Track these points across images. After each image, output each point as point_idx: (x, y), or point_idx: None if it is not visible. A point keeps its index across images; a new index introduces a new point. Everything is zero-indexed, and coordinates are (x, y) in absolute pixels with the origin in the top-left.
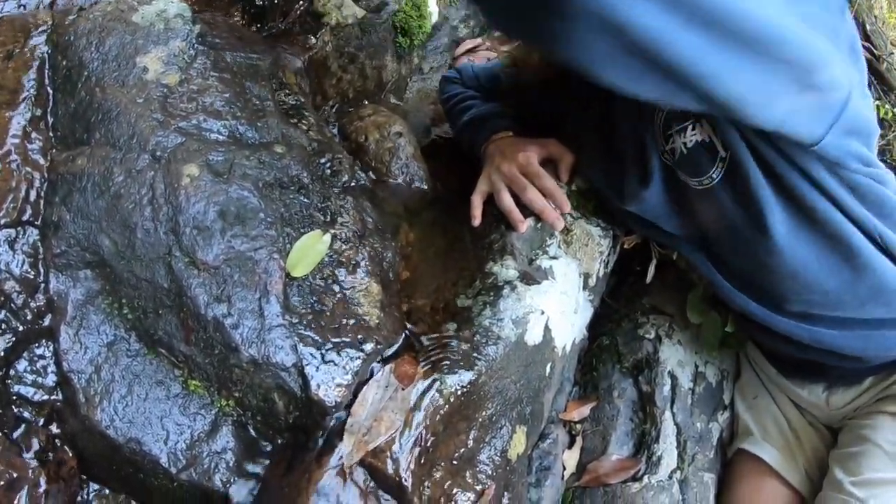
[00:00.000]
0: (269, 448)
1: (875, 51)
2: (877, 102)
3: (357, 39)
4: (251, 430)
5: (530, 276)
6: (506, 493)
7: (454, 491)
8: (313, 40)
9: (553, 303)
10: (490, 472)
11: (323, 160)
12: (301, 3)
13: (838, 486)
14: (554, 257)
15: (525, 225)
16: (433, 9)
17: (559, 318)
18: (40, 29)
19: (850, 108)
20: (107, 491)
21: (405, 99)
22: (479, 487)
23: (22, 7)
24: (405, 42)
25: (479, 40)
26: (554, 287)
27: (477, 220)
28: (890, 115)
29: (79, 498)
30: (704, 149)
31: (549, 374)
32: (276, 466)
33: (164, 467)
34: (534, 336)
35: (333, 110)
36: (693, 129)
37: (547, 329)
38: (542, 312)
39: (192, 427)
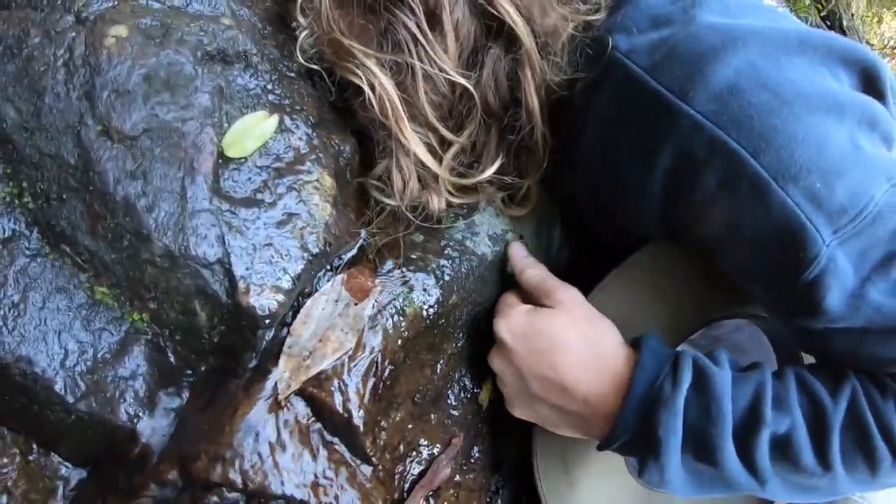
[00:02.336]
0: (191, 377)
1: None
2: None
3: None
4: (170, 355)
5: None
6: (475, 446)
7: (416, 438)
8: None
9: None
10: (459, 418)
11: (278, 42)
12: None
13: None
14: None
15: None
16: None
17: None
18: None
19: None
20: (5, 431)
21: None
22: (445, 435)
23: None
24: None
25: None
26: None
27: None
28: None
29: None
30: None
31: None
32: (198, 398)
33: (59, 394)
34: None
35: None
36: None
37: None
38: (521, 237)
39: (95, 346)
